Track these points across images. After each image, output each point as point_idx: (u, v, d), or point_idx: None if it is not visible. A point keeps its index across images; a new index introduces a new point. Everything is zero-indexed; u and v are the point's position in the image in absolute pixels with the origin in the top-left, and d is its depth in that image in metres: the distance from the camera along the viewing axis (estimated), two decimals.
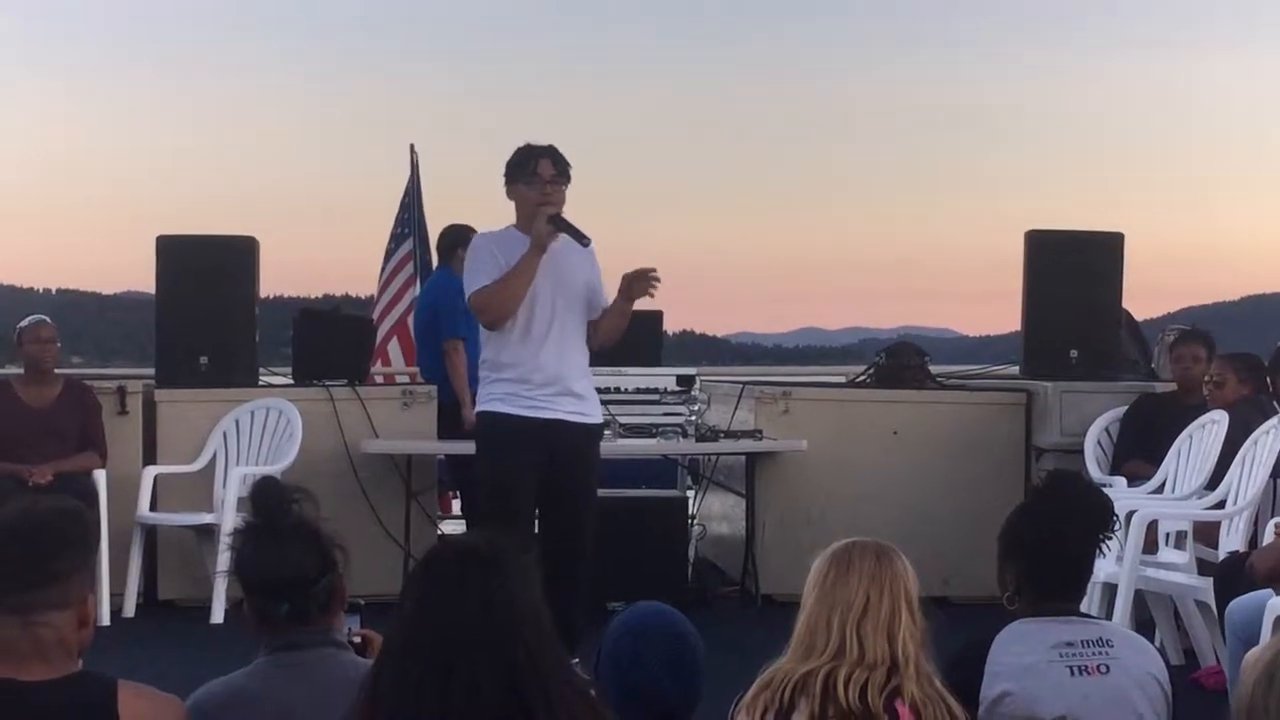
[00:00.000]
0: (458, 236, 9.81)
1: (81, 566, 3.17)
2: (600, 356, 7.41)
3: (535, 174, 6.80)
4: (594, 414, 7.00)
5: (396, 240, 13.11)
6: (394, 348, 12.60)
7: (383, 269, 13.07)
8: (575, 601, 6.64)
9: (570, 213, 6.87)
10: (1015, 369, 10.14)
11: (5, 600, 3.09)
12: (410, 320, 12.06)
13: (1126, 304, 9.96)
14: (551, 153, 6.87)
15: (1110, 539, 4.06)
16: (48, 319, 8.97)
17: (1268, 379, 8.24)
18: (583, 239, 6.78)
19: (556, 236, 6.75)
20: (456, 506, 10.45)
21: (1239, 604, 5.91)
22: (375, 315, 12.48)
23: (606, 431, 8.88)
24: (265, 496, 3.54)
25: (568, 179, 6.87)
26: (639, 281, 6.81)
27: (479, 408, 7.03)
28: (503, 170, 6.98)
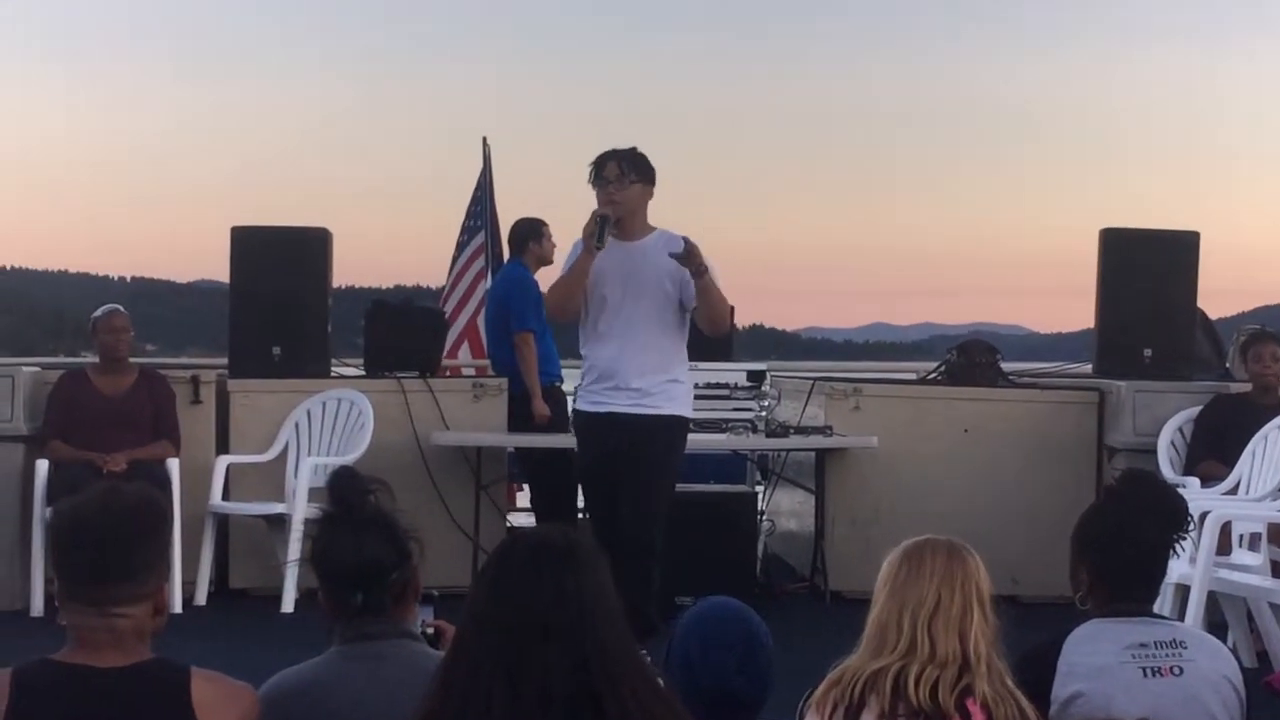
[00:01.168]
0: (528, 230, 9.84)
1: (158, 558, 3.20)
2: None
3: (601, 176, 6.93)
4: (659, 406, 6.99)
5: (468, 233, 13.08)
6: (464, 351, 12.58)
7: (454, 263, 13.06)
8: (640, 592, 6.63)
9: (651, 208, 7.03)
10: (1088, 367, 10.09)
11: (85, 592, 3.12)
12: (480, 321, 12.06)
13: (1201, 303, 9.89)
14: (620, 155, 6.95)
15: (1184, 540, 4.04)
16: (121, 308, 9.04)
17: None
18: (602, 238, 6.81)
19: (604, 239, 6.83)
20: (521, 499, 10.47)
21: None
22: (447, 312, 12.48)
23: None
24: (343, 486, 3.56)
25: (640, 177, 6.94)
26: (684, 260, 6.78)
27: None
28: (570, 164, 7.17)
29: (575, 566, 2.89)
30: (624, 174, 6.90)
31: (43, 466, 8.45)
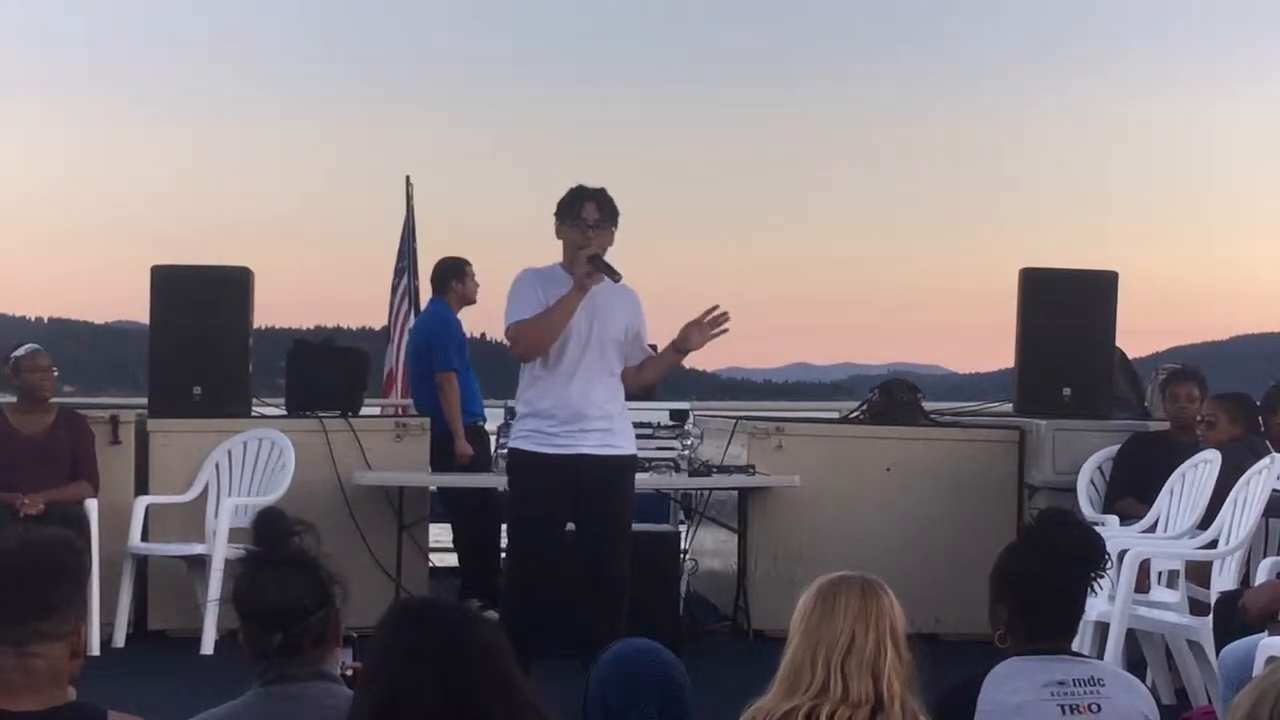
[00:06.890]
0: (451, 269, 9.83)
1: (75, 597, 3.17)
2: None
3: (579, 217, 6.83)
4: (623, 445, 6.97)
5: (399, 275, 13.09)
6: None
7: (391, 305, 13.05)
8: (617, 626, 6.65)
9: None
10: (1009, 406, 10.15)
11: (1, 631, 3.08)
12: None
13: (1119, 342, 9.98)
14: (598, 196, 6.89)
15: (1102, 578, 4.07)
16: (42, 348, 8.94)
17: (1259, 419, 8.25)
18: (614, 275, 6.80)
19: (598, 278, 6.78)
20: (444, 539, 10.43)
21: (1233, 649, 5.90)
22: (393, 356, 12.55)
23: None
24: (268, 526, 3.55)
25: (613, 223, 6.90)
26: (699, 332, 6.85)
27: (509, 444, 7.16)
28: (493, 201, 7.09)
29: (461, 649, 2.89)
30: (603, 219, 6.85)
31: None
